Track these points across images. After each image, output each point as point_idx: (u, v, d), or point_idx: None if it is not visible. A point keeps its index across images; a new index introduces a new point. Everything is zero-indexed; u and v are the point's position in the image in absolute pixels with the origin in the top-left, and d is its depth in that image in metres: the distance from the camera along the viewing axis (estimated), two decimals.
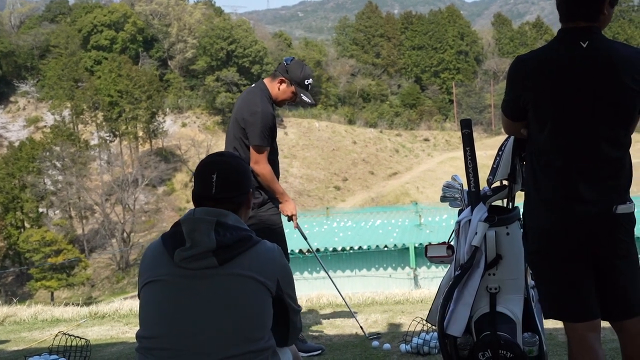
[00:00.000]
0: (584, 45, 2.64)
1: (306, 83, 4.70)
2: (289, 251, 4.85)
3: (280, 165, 4.91)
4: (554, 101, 2.68)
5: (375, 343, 4.86)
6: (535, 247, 2.81)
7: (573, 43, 2.67)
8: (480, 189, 3.20)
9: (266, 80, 4.76)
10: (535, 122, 2.76)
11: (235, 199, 2.36)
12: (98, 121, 63.01)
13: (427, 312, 3.60)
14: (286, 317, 2.42)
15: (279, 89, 4.68)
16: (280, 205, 4.73)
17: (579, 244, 2.69)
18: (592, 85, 2.63)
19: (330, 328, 5.46)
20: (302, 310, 2.61)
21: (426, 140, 76.05)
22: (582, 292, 2.71)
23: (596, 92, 2.63)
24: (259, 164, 4.53)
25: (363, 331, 5.06)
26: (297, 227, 5.02)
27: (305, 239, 5.28)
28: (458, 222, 3.19)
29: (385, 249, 17.08)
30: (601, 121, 2.64)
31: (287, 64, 4.69)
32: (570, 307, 2.73)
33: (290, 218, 4.84)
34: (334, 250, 17.04)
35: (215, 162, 2.39)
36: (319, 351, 4.71)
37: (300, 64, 4.74)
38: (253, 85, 4.86)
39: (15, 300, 10.09)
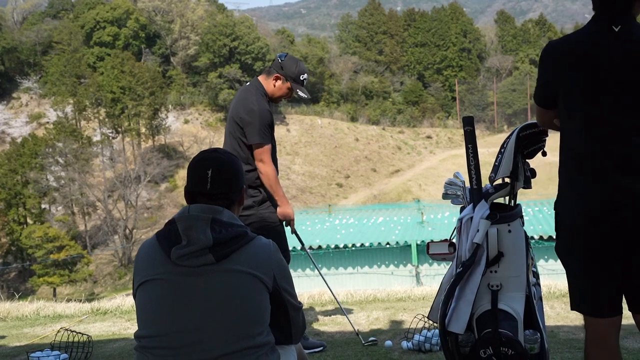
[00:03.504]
0: (616, 30, 2.54)
1: (301, 78, 4.69)
2: (290, 248, 4.83)
3: (282, 162, 4.89)
4: (584, 87, 2.57)
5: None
6: (565, 239, 2.71)
7: (605, 27, 2.56)
8: (483, 186, 3.19)
9: (261, 78, 4.74)
10: (564, 109, 2.66)
11: (230, 195, 2.36)
12: (101, 117, 63.03)
13: (428, 310, 3.61)
14: (287, 314, 2.42)
15: (274, 85, 4.66)
16: (278, 209, 4.64)
17: (608, 237, 2.57)
18: (623, 70, 2.51)
19: (332, 325, 5.46)
20: (304, 307, 2.60)
21: (428, 137, 76.03)
22: (608, 287, 2.63)
23: (628, 77, 2.51)
24: (264, 163, 4.50)
25: (357, 334, 4.93)
26: (294, 232, 4.92)
27: (302, 243, 5.12)
28: (460, 220, 3.20)
29: (387, 246, 17.07)
30: (633, 108, 2.52)
31: (281, 60, 4.67)
32: (595, 301, 2.66)
33: (287, 223, 4.75)
34: (336, 247, 17.04)
35: (209, 158, 2.38)
36: (321, 348, 4.72)
37: (294, 60, 4.72)
38: (248, 83, 4.85)
39: (17, 296, 10.13)
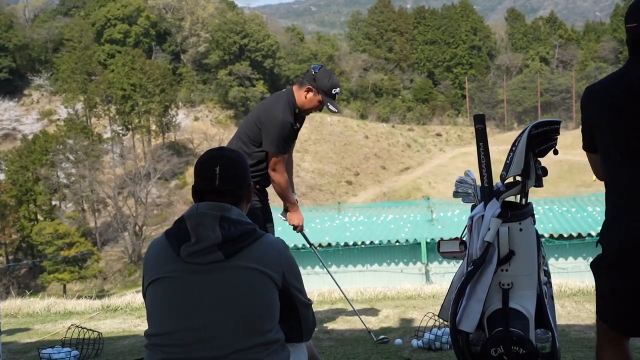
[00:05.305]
0: None
1: (333, 92, 4.67)
2: (298, 246, 4.96)
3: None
4: (613, 126, 2.51)
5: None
6: (605, 261, 2.60)
7: (637, 67, 2.50)
8: (494, 184, 3.18)
9: (294, 88, 4.76)
10: (602, 150, 2.60)
11: (237, 192, 2.37)
12: (111, 114, 63.33)
13: (439, 308, 3.60)
14: (296, 311, 2.42)
15: (305, 97, 4.68)
16: (288, 214, 4.89)
17: None
18: None
19: (342, 322, 5.46)
20: (313, 305, 2.60)
21: (438, 135, 75.86)
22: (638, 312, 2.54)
23: None
24: (276, 172, 4.62)
25: (369, 332, 4.99)
26: (301, 231, 5.11)
27: (309, 242, 5.37)
28: (471, 218, 3.18)
29: (397, 244, 17.03)
30: None
31: (314, 72, 4.66)
32: (621, 321, 2.58)
33: (295, 227, 4.97)
34: (346, 245, 17.02)
35: (216, 155, 2.40)
36: None
37: (327, 73, 4.71)
38: (283, 90, 4.89)
39: (28, 293, 10.17)
